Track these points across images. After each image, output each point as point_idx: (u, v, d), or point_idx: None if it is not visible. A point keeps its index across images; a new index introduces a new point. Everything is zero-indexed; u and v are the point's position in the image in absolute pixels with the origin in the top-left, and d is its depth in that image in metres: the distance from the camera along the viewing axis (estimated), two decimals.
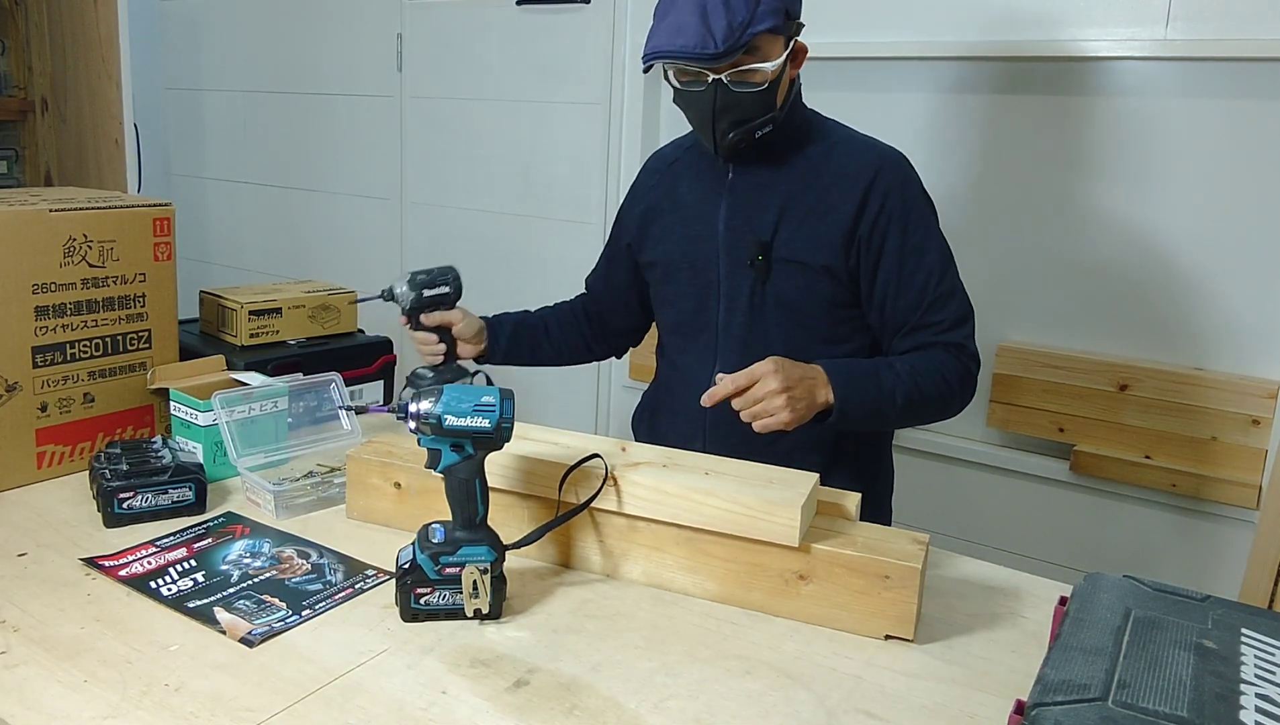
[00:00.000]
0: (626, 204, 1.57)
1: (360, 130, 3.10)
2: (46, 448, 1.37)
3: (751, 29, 1.22)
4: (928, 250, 1.33)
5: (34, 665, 0.92)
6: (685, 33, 1.23)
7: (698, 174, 1.44)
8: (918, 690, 0.95)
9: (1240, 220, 1.87)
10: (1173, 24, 1.85)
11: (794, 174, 1.36)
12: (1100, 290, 2.01)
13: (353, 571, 1.13)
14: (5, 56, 2.76)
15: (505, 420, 1.01)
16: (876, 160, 1.34)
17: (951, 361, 1.32)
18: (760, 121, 1.31)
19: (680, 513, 1.09)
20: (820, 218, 1.34)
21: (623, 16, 2.51)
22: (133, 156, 2.65)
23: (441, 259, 1.61)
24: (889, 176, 1.33)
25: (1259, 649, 0.79)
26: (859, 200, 1.32)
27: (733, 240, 1.38)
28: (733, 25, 1.22)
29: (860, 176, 1.33)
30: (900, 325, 1.35)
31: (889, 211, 1.32)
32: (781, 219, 1.35)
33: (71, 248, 1.35)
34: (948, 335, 1.33)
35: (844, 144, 1.38)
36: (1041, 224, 2.05)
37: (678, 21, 1.24)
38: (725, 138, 1.31)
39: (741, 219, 1.38)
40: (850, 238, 1.32)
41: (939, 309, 1.33)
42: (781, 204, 1.35)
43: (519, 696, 0.91)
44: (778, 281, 1.36)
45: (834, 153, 1.36)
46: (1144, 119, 1.93)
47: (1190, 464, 1.91)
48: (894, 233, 1.32)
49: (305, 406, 1.43)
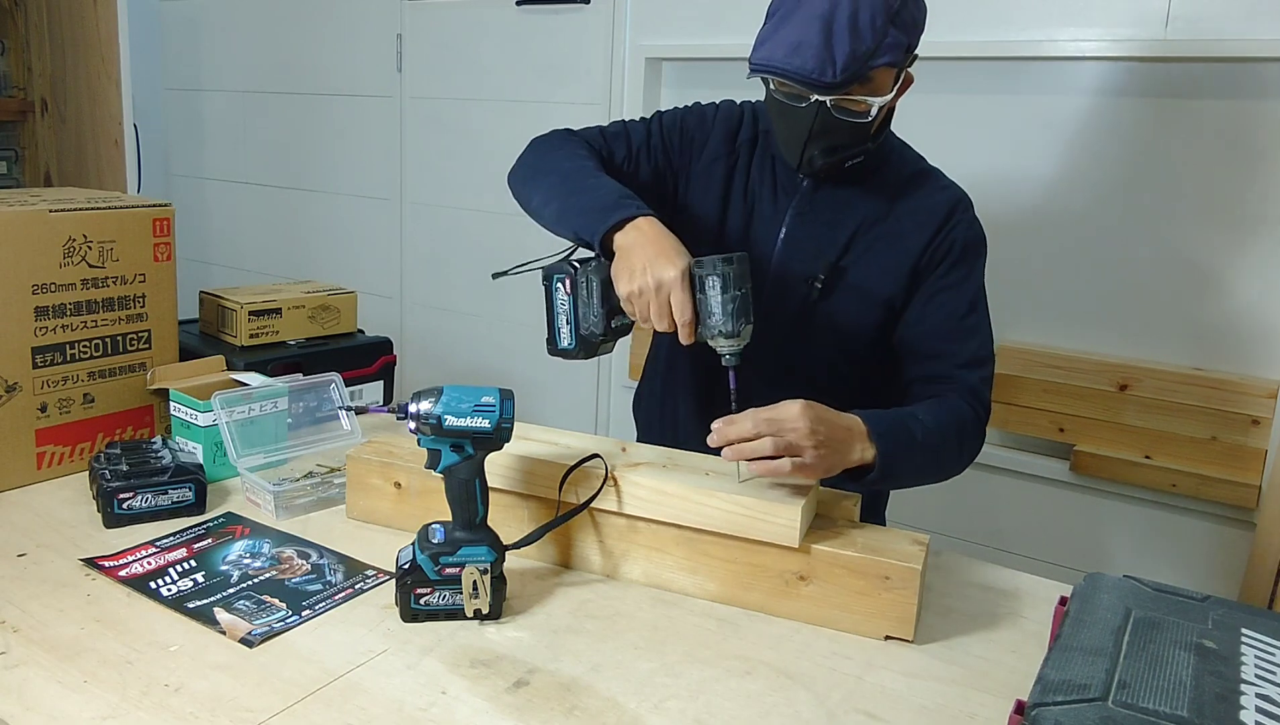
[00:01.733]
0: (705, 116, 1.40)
1: (360, 130, 3.10)
2: (46, 448, 1.36)
3: (873, 61, 1.15)
4: (967, 285, 1.31)
5: (34, 665, 0.92)
6: (804, 52, 1.14)
7: (773, 170, 1.36)
8: (918, 690, 0.95)
9: (1240, 220, 1.87)
10: (1172, 24, 1.85)
11: (870, 198, 1.31)
12: (1100, 290, 2.01)
13: (353, 572, 1.13)
14: (5, 56, 2.76)
15: (505, 420, 1.01)
16: (952, 200, 1.31)
17: (968, 410, 1.25)
18: (854, 152, 1.26)
19: (680, 513, 1.09)
20: (890, 245, 1.30)
21: (623, 16, 2.51)
22: (132, 157, 2.65)
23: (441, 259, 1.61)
24: (960, 218, 1.30)
25: (1259, 649, 0.79)
26: (930, 236, 1.29)
27: (791, 252, 1.32)
28: (856, 54, 1.14)
29: (935, 213, 1.30)
30: (919, 348, 1.31)
31: (948, 250, 1.29)
32: (853, 241, 1.31)
33: (71, 248, 1.35)
34: (963, 372, 1.28)
35: (922, 177, 1.34)
36: (1041, 224, 2.05)
37: (798, 36, 1.15)
38: (812, 162, 1.25)
39: (807, 234, 1.32)
40: (914, 271, 1.30)
41: (960, 341, 1.29)
42: (855, 226, 1.31)
43: (519, 697, 0.91)
44: (835, 304, 1.31)
45: (913, 183, 1.33)
46: (1143, 119, 1.93)
47: (1190, 464, 1.91)
48: (944, 267, 1.30)
49: (305, 407, 1.43)
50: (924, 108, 2.12)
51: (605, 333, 1.19)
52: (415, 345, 3.07)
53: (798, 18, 1.16)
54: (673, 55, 2.46)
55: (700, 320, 1.11)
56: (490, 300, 2.92)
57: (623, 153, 1.38)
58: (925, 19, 1.23)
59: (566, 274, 1.19)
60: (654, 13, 2.47)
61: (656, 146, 1.39)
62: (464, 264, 2.94)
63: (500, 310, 2.90)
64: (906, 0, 1.18)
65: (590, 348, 1.20)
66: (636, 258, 1.12)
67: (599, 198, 1.20)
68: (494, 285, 2.89)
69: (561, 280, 1.19)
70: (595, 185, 1.23)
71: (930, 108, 2.12)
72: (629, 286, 1.12)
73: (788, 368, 1.34)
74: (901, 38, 1.17)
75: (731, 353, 1.12)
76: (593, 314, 1.18)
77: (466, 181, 2.89)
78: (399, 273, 3.09)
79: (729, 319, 1.09)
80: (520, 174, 1.38)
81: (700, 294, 1.10)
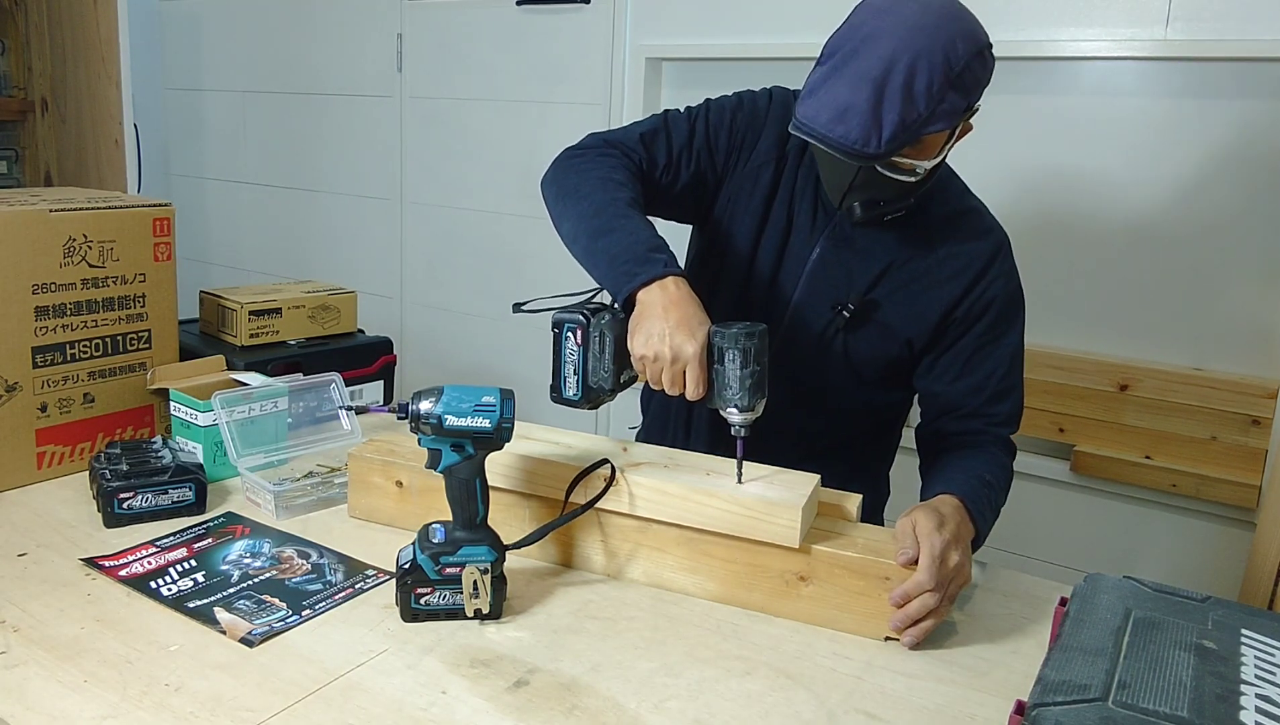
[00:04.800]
0: (757, 109, 1.31)
1: (360, 130, 3.10)
2: (46, 448, 1.36)
3: (925, 129, 1.07)
4: (1006, 342, 1.27)
5: (34, 665, 0.92)
6: (850, 119, 1.06)
7: (815, 181, 1.28)
8: (918, 691, 0.95)
9: (1240, 220, 1.87)
10: (1172, 24, 1.85)
11: (910, 234, 1.25)
12: (1100, 290, 2.01)
13: (353, 571, 1.13)
14: (5, 56, 2.76)
15: (505, 420, 1.01)
16: (992, 248, 1.25)
17: (1009, 463, 1.27)
18: (897, 207, 1.20)
19: (681, 513, 1.09)
20: (923, 288, 1.25)
21: (623, 16, 2.51)
22: (132, 156, 2.65)
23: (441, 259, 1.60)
24: (999, 270, 1.25)
25: (1259, 649, 0.79)
26: (967, 285, 1.24)
27: (821, 273, 1.28)
28: (905, 122, 1.06)
29: (975, 261, 1.24)
30: (955, 408, 1.28)
31: (987, 306, 1.25)
32: (885, 275, 1.26)
33: (71, 248, 1.35)
34: (999, 429, 1.27)
35: (965, 216, 1.28)
36: (1040, 224, 2.05)
37: (846, 99, 1.07)
38: (853, 212, 1.20)
39: (839, 258, 1.27)
40: (946, 319, 1.26)
41: (999, 402, 1.27)
42: (890, 260, 1.26)
43: (519, 696, 0.91)
44: (858, 334, 1.28)
45: (955, 223, 1.26)
46: (1144, 119, 1.93)
47: (1190, 464, 1.91)
48: (982, 325, 1.26)
49: (305, 406, 1.43)
50: None
51: (613, 387, 1.14)
52: (415, 345, 3.07)
53: (849, 73, 1.08)
54: (673, 55, 2.46)
55: (715, 391, 1.08)
56: (490, 300, 2.92)
57: (663, 159, 1.29)
58: (991, 75, 1.14)
59: (578, 323, 1.13)
60: (654, 13, 2.47)
61: (700, 148, 1.30)
62: (464, 264, 2.94)
63: (500, 310, 2.89)
64: (972, 61, 1.09)
65: (595, 401, 1.16)
66: (656, 322, 1.07)
67: (627, 245, 1.14)
68: (494, 285, 2.89)
69: (573, 329, 1.13)
70: (624, 227, 1.16)
71: None
72: (644, 350, 1.08)
73: (798, 391, 1.31)
74: (960, 101, 1.09)
75: (742, 425, 1.08)
76: (603, 369, 1.13)
77: (466, 181, 2.89)
78: (399, 273, 3.09)
79: (745, 394, 1.06)
80: (551, 191, 1.29)
81: (718, 365, 1.07)
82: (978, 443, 1.27)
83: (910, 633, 1.01)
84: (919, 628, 1.01)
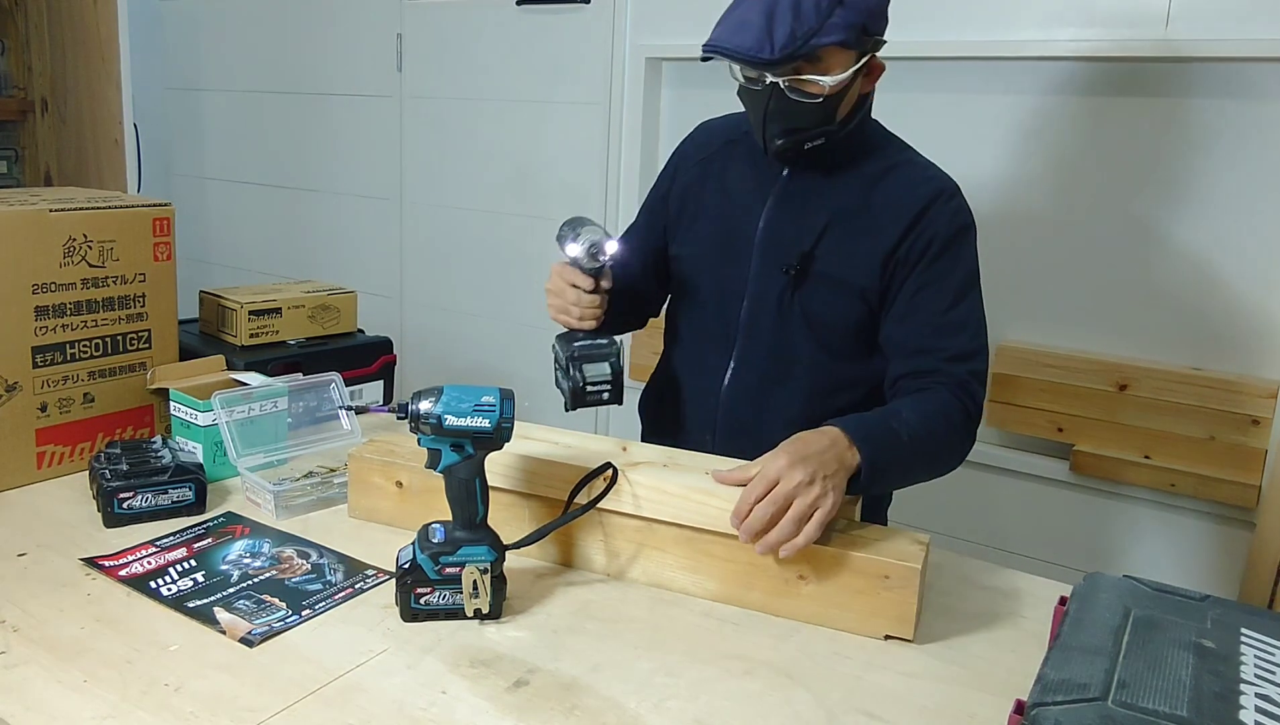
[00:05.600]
0: (667, 173, 1.51)
1: (360, 130, 3.10)
2: (46, 448, 1.37)
3: (816, 40, 1.18)
4: (953, 277, 1.29)
5: (34, 665, 0.92)
6: (746, 32, 1.19)
7: (753, 164, 1.40)
8: (917, 690, 0.95)
9: (1239, 220, 1.87)
10: (1172, 24, 1.85)
11: (848, 188, 1.32)
12: (1100, 290, 2.01)
13: (352, 571, 1.14)
14: (5, 56, 2.76)
15: (505, 420, 1.01)
16: (933, 191, 1.30)
17: (954, 403, 1.23)
18: (812, 134, 1.28)
19: (681, 512, 1.09)
20: (865, 237, 1.30)
21: (623, 16, 2.51)
22: (133, 156, 2.66)
23: (441, 259, 1.60)
24: (940, 209, 1.29)
25: (1259, 649, 0.79)
26: (905, 227, 1.28)
27: (770, 241, 1.35)
28: (796, 33, 1.17)
29: (913, 205, 1.29)
30: (905, 346, 1.30)
31: (929, 240, 1.28)
32: (826, 231, 1.31)
33: (71, 248, 1.35)
34: (951, 366, 1.26)
35: (903, 167, 1.33)
36: (1040, 224, 2.05)
37: (743, 18, 1.21)
38: (774, 142, 1.29)
39: (785, 222, 1.34)
40: (888, 261, 1.29)
41: (946, 335, 1.27)
42: (829, 216, 1.32)
43: (519, 696, 0.91)
44: (809, 294, 1.33)
45: (892, 174, 1.32)
46: (1143, 119, 1.93)
47: (1189, 464, 1.91)
48: (926, 259, 1.28)
49: (305, 406, 1.43)
50: (921, 107, 2.13)
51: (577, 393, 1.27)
52: (415, 345, 3.07)
53: (747, 3, 1.22)
54: (673, 55, 2.46)
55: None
56: (490, 300, 2.92)
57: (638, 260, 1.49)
58: (884, 3, 1.25)
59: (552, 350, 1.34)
60: (654, 13, 2.47)
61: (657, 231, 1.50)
62: (464, 264, 2.94)
63: (500, 310, 2.90)
64: None
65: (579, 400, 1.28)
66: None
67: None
68: (494, 285, 2.89)
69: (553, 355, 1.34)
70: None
71: (928, 108, 2.12)
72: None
73: (778, 366, 1.35)
74: (851, 17, 1.19)
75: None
76: (564, 378, 1.31)
77: (466, 181, 2.89)
78: (399, 273, 3.09)
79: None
80: None
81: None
82: (926, 387, 1.25)
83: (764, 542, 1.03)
84: (764, 542, 1.03)
